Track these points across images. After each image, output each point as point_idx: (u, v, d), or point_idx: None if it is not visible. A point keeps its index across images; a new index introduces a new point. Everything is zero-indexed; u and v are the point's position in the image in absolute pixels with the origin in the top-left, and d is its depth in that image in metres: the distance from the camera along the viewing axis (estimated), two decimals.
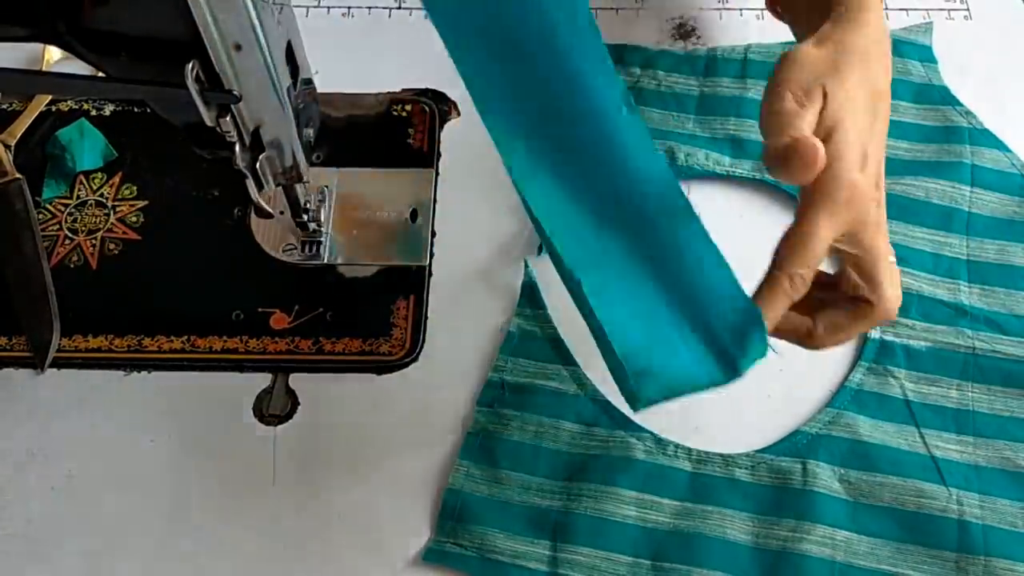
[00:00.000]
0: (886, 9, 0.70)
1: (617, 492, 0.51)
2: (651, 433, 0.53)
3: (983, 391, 0.54)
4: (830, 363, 0.56)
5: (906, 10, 0.70)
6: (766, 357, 0.40)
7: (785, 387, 0.55)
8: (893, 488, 0.51)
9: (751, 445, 0.53)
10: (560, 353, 0.56)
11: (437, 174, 0.63)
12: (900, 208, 0.60)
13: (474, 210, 0.61)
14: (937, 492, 0.51)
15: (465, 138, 0.64)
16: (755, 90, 0.64)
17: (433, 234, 0.60)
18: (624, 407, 0.54)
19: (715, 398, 0.54)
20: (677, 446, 0.53)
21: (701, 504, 0.51)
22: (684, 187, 0.43)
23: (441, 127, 0.65)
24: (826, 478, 0.51)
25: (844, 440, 0.53)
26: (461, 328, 0.58)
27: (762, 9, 0.68)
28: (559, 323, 0.57)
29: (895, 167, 0.62)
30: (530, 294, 0.58)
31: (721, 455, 0.53)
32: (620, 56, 0.66)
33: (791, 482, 0.52)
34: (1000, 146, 0.62)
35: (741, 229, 0.60)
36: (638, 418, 0.53)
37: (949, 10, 0.70)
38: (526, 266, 0.59)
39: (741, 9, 0.70)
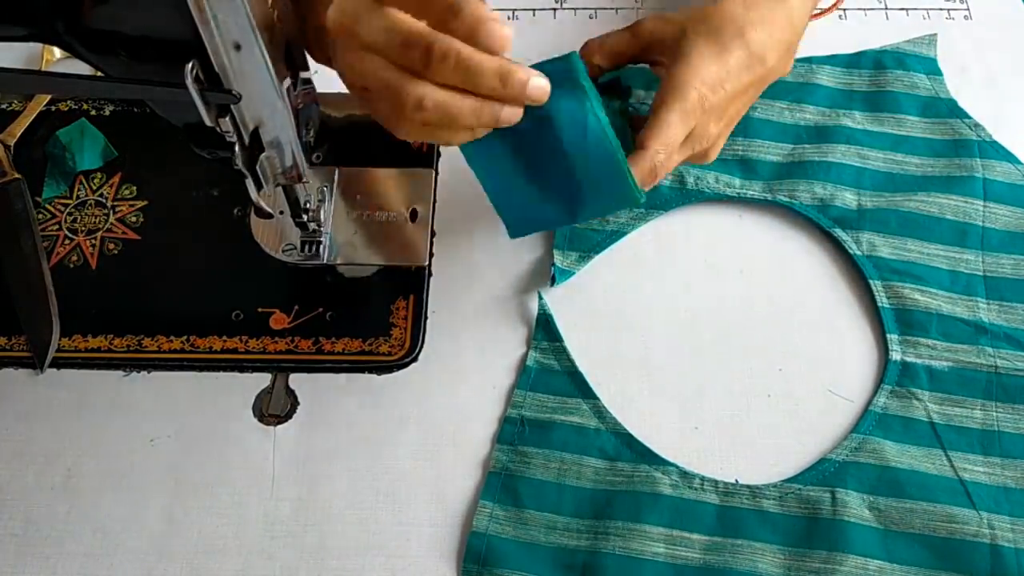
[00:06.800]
0: (886, 9, 0.70)
1: (645, 529, 0.50)
2: (676, 466, 0.53)
3: (1008, 410, 0.54)
4: (852, 386, 0.56)
5: (906, 10, 0.70)
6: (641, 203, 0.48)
7: (809, 413, 0.55)
8: (923, 514, 0.51)
9: (778, 475, 0.53)
10: (579, 386, 0.55)
11: (437, 174, 0.63)
12: (915, 225, 0.59)
13: (474, 210, 0.61)
14: (968, 516, 0.51)
15: None
16: (761, 109, 0.64)
17: (433, 234, 0.60)
18: (646, 439, 0.53)
19: (740, 426, 0.54)
20: (703, 479, 0.52)
21: (731, 538, 0.51)
22: (694, 210, 0.51)
23: None
24: (856, 506, 0.51)
25: (872, 467, 0.52)
26: (461, 328, 0.58)
27: None
28: (576, 355, 0.56)
29: (907, 183, 0.61)
30: (546, 326, 0.57)
31: (748, 486, 0.52)
32: (623, 80, 0.66)
33: (820, 512, 0.51)
34: (1011, 158, 0.62)
35: (753, 251, 0.60)
36: (662, 452, 0.53)
37: (949, 10, 0.70)
38: (540, 298, 0.58)
39: None
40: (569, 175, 0.47)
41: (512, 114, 0.42)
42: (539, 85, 0.41)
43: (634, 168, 0.47)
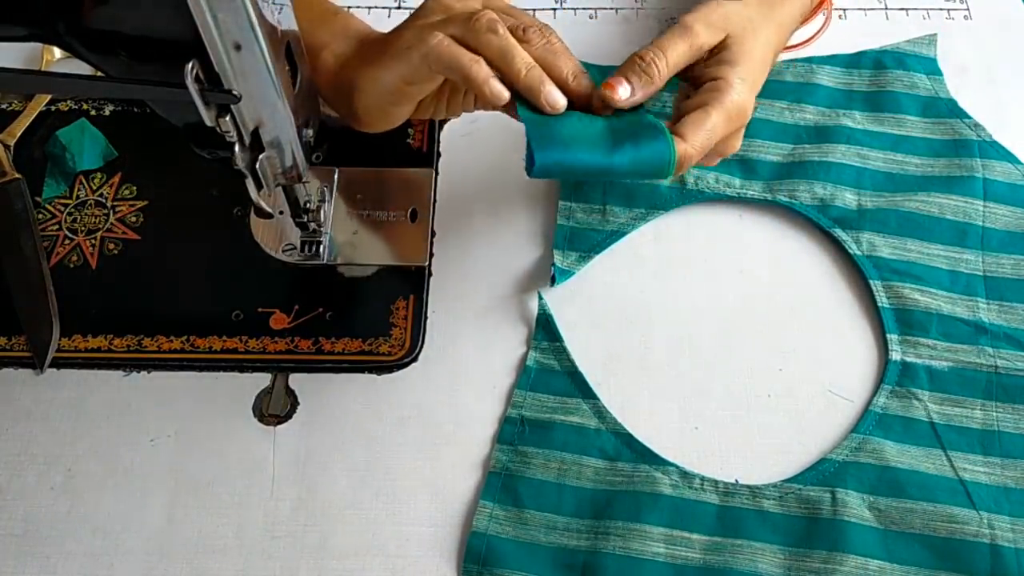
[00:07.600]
0: (886, 9, 0.70)
1: (645, 529, 0.50)
2: (676, 466, 0.53)
3: (1008, 410, 0.54)
4: (852, 386, 0.56)
5: (906, 10, 0.70)
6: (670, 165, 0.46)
7: (809, 413, 0.55)
8: (923, 514, 0.51)
9: (778, 475, 0.53)
10: (579, 386, 0.55)
11: (437, 174, 0.63)
12: (915, 225, 0.59)
13: (474, 210, 0.61)
14: (968, 516, 0.51)
15: (465, 138, 0.64)
16: (761, 109, 0.64)
17: (433, 234, 0.60)
18: (646, 439, 0.53)
19: (740, 426, 0.54)
20: (703, 479, 0.52)
21: (731, 538, 0.51)
22: (694, 210, 0.50)
23: (441, 127, 0.65)
24: (856, 507, 0.51)
25: (872, 467, 0.52)
26: (461, 328, 0.58)
27: None
28: (576, 355, 0.56)
29: (907, 183, 0.61)
30: (546, 326, 0.57)
31: (748, 486, 0.52)
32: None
33: (820, 512, 0.51)
34: (1011, 158, 0.62)
35: (753, 251, 0.60)
36: (662, 452, 0.53)
37: (949, 10, 0.70)
38: (540, 298, 0.58)
39: None
40: (615, 123, 0.47)
41: (553, 94, 0.46)
42: (556, 97, 0.46)
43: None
